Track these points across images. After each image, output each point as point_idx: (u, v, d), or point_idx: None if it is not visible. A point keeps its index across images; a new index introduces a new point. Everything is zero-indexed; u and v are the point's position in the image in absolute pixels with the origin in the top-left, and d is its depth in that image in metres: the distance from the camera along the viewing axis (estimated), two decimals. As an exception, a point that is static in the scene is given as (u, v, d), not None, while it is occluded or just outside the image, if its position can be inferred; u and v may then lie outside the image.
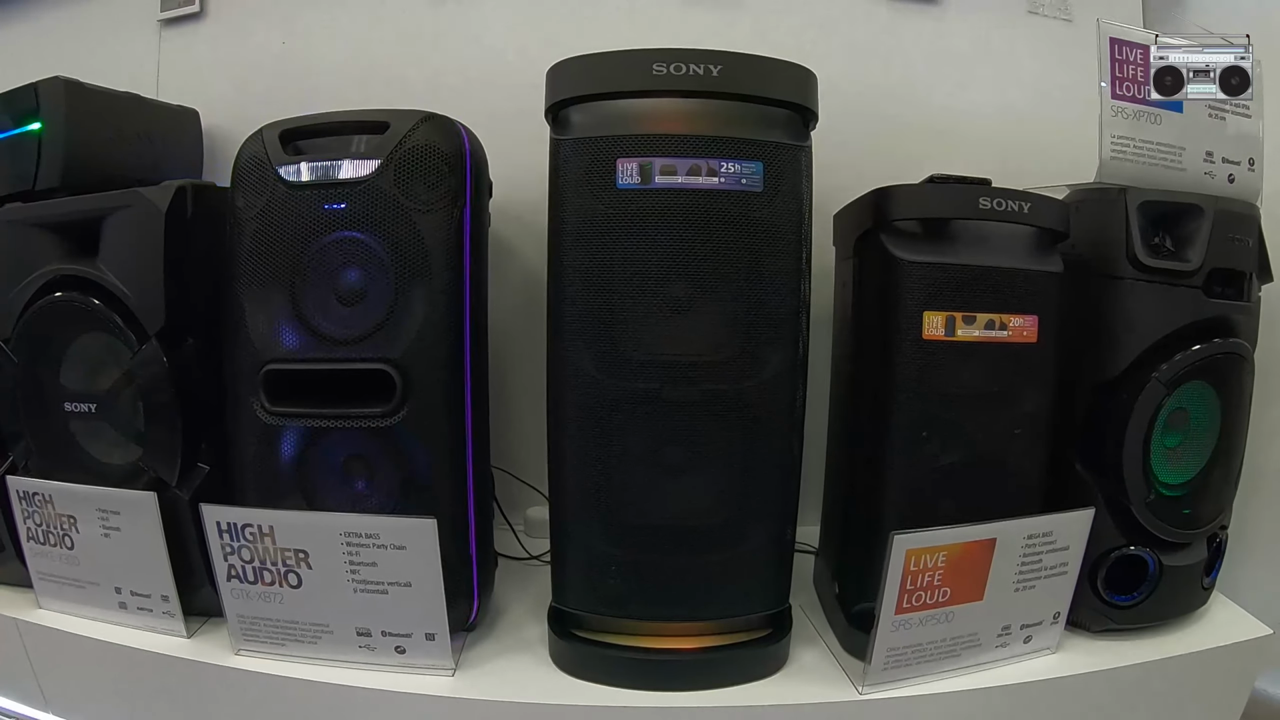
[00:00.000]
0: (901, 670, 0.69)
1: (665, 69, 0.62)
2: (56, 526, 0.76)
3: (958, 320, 0.68)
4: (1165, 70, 0.76)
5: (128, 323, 0.74)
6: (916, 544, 0.65)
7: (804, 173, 0.65)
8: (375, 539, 0.67)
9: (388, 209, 0.67)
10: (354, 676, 0.70)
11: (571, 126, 0.65)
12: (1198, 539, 0.80)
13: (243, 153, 0.72)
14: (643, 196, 0.62)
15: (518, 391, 0.96)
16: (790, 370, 0.67)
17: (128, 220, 0.74)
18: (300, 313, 0.69)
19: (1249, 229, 0.78)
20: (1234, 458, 0.81)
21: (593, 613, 0.70)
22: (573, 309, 0.65)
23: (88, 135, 0.85)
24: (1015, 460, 0.73)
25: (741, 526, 0.68)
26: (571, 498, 0.68)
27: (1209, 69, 0.76)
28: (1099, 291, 0.76)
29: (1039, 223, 0.71)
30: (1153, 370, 0.74)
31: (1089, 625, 0.78)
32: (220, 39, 1.05)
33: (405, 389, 0.68)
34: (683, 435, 0.66)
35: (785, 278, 0.65)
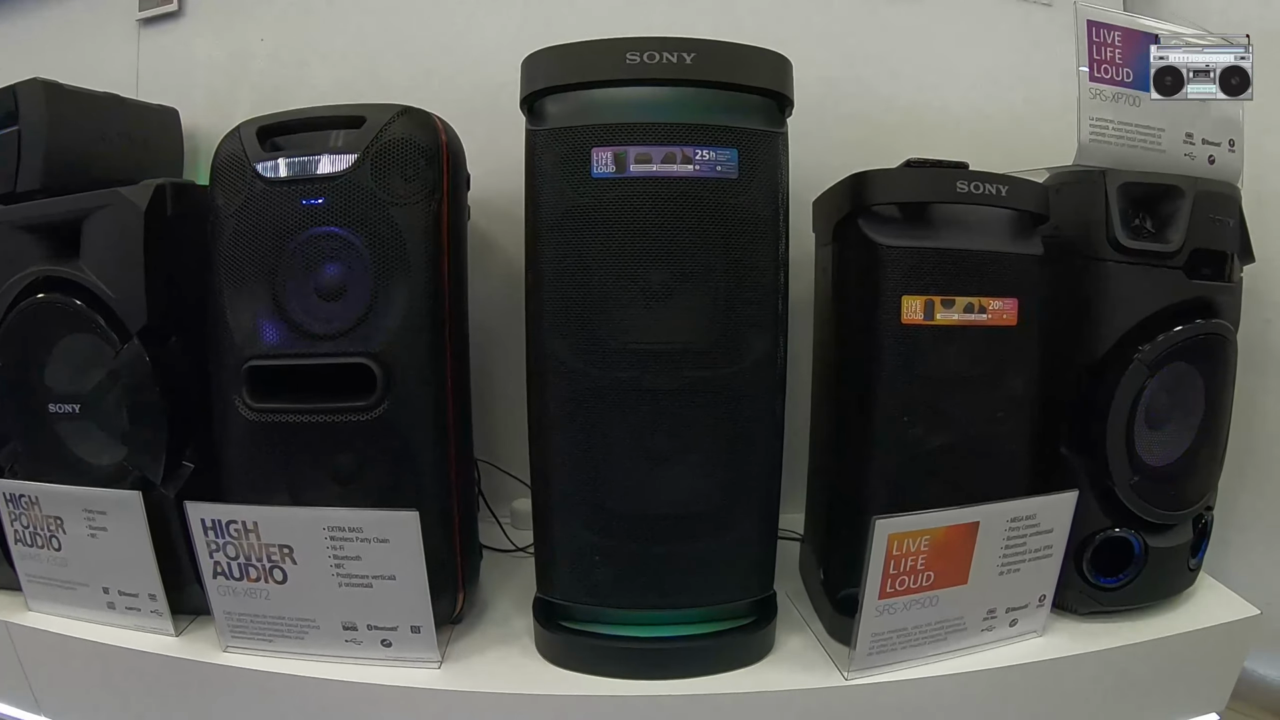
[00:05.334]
0: (887, 655, 0.69)
1: (639, 57, 0.62)
2: (44, 528, 0.76)
3: (936, 304, 0.68)
4: (1165, 70, 0.76)
5: (110, 323, 0.74)
6: (898, 528, 0.65)
7: (780, 159, 0.65)
8: (358, 533, 0.67)
9: (365, 203, 0.67)
10: (341, 671, 0.70)
11: (547, 117, 0.65)
12: (1183, 520, 0.80)
13: (220, 150, 0.72)
14: (618, 185, 0.62)
15: (502, 384, 0.95)
16: (771, 357, 0.67)
17: (107, 220, 0.74)
18: (281, 308, 0.69)
19: (1230, 209, 0.78)
20: (1218, 438, 0.81)
21: (578, 603, 0.70)
22: (551, 299, 0.65)
23: (68, 136, 0.85)
24: (998, 444, 0.73)
25: (725, 514, 0.69)
26: (554, 488, 0.68)
27: (1209, 69, 0.76)
28: (1080, 274, 0.76)
29: (1017, 205, 0.71)
30: (1135, 352, 0.74)
31: (1075, 608, 0.78)
32: (199, 38, 1.06)
33: (386, 383, 0.68)
34: (664, 424, 0.66)
35: (763, 264, 0.65)
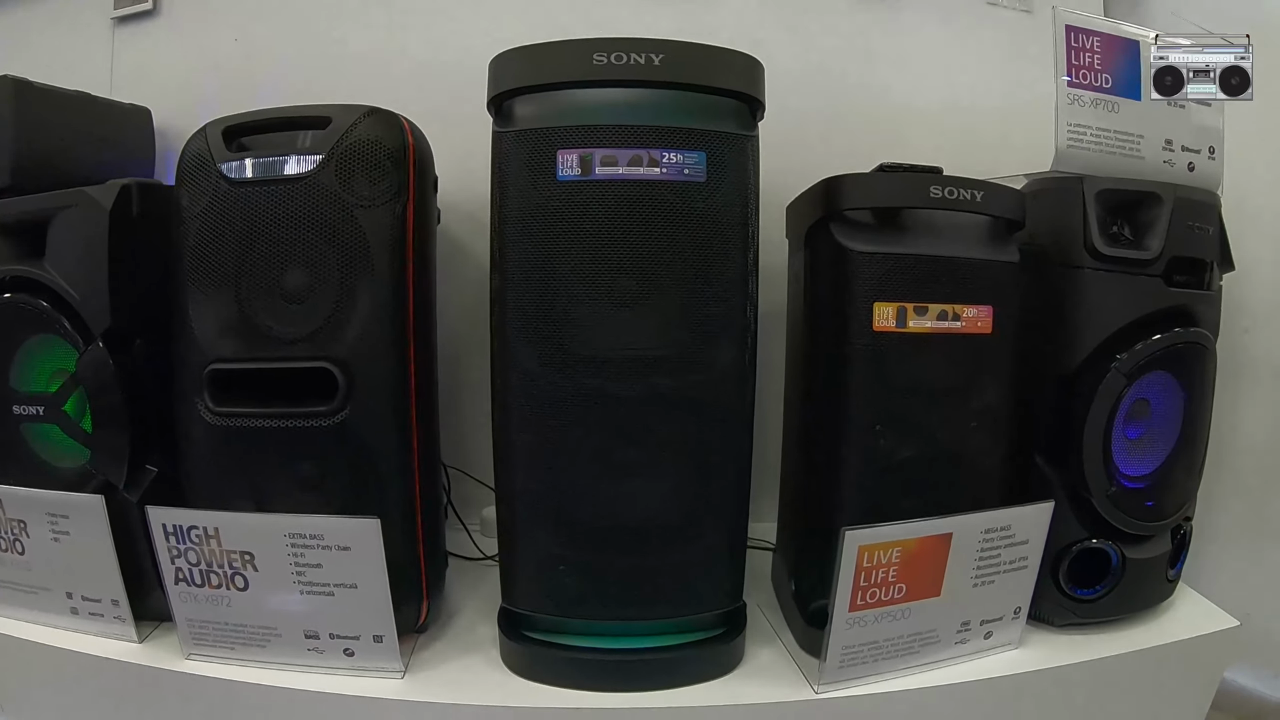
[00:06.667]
0: (858, 668, 0.68)
1: (606, 58, 0.61)
2: (8, 531, 0.75)
3: (909, 311, 0.67)
4: (1165, 70, 0.76)
5: (74, 324, 0.73)
6: (869, 540, 0.64)
7: (750, 163, 0.64)
8: (319, 540, 0.66)
9: (329, 205, 0.66)
10: (304, 680, 0.69)
11: (514, 119, 0.64)
12: (1161, 531, 0.79)
13: (187, 150, 0.70)
14: (583, 188, 0.61)
15: (473, 389, 0.93)
16: (740, 365, 0.66)
17: (73, 220, 0.73)
18: (244, 312, 0.68)
19: (1209, 217, 0.78)
20: (1197, 448, 0.80)
21: (543, 613, 0.69)
22: (515, 304, 0.64)
23: (38, 135, 0.84)
24: (972, 454, 0.72)
25: (693, 524, 0.67)
26: (519, 497, 0.67)
27: (1209, 69, 0.76)
28: (1057, 281, 0.75)
29: (993, 211, 0.70)
30: (1112, 360, 0.73)
31: (1052, 620, 0.77)
32: (173, 37, 1.04)
33: (348, 388, 0.67)
34: (630, 432, 0.65)
35: (732, 270, 0.64)
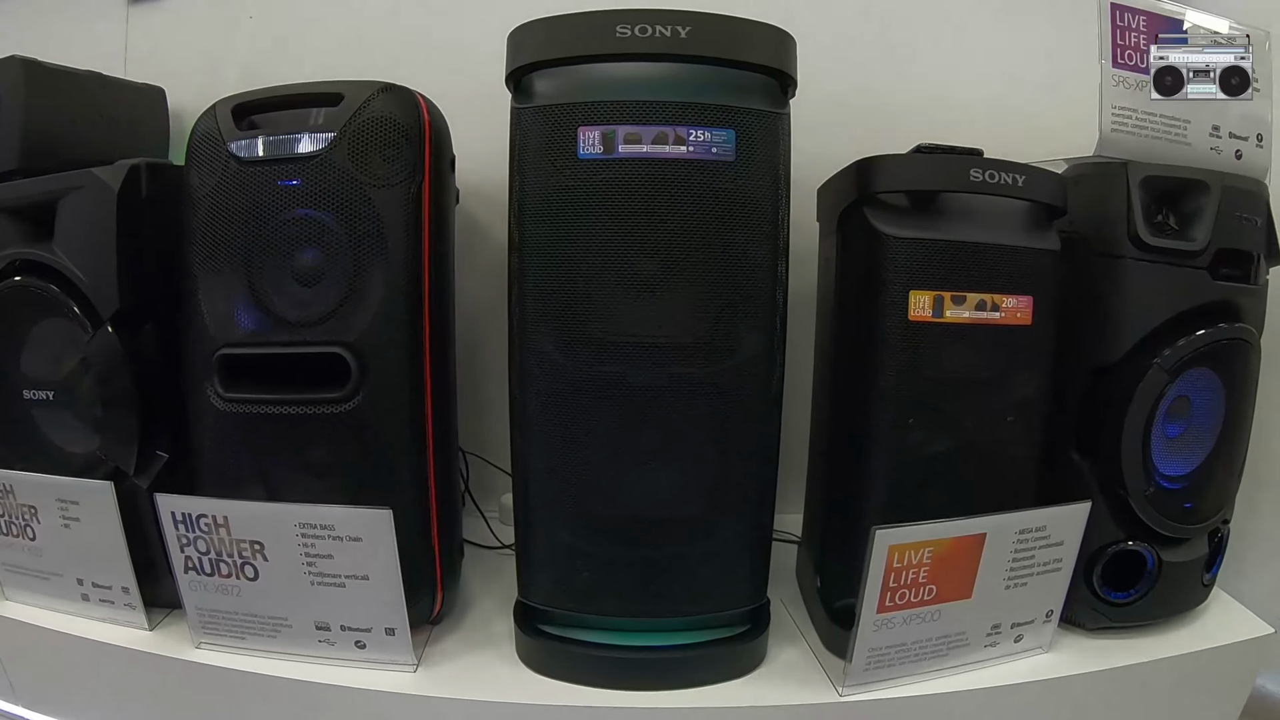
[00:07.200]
0: (884, 671, 0.66)
1: (630, 31, 0.58)
2: (19, 517, 0.74)
3: (946, 300, 0.64)
4: (1165, 70, 0.75)
5: (83, 308, 0.71)
6: (900, 539, 0.62)
7: (781, 142, 0.61)
8: (330, 530, 0.64)
9: (342, 184, 0.64)
10: (314, 672, 0.68)
11: (533, 94, 0.61)
12: (1198, 534, 0.76)
13: (196, 129, 0.69)
14: (606, 167, 0.58)
15: (493, 374, 0.91)
16: (766, 353, 0.63)
17: (81, 202, 0.71)
18: (256, 295, 0.66)
19: (1257, 208, 0.74)
20: (1238, 449, 0.77)
21: (560, 608, 0.67)
22: (532, 287, 0.61)
23: (47, 116, 0.83)
24: (1007, 449, 0.69)
25: (715, 517, 0.65)
26: (535, 488, 0.65)
27: (1209, 69, 0.75)
28: (1098, 271, 0.72)
29: (1034, 197, 0.67)
30: (1154, 356, 0.70)
31: (1084, 623, 0.75)
32: (188, 15, 1.03)
33: (361, 373, 0.65)
34: (651, 422, 0.62)
35: (760, 253, 0.61)
